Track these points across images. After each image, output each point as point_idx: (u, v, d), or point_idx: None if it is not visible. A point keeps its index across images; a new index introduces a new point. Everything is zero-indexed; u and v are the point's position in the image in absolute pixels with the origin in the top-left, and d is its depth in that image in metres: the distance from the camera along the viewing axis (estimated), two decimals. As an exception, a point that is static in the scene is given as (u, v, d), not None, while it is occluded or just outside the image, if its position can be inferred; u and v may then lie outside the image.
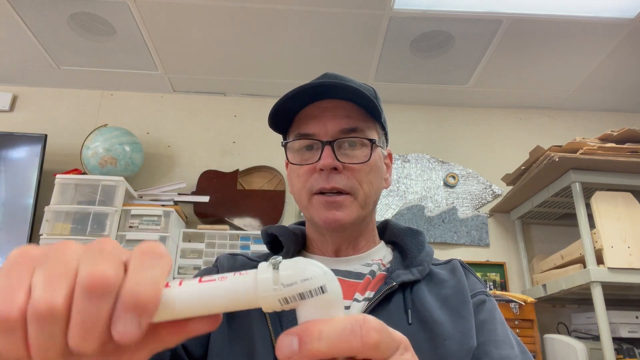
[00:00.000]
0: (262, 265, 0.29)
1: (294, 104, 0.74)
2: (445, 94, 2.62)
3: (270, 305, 0.28)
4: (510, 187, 2.28)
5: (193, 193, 2.39)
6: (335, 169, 0.70)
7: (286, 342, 0.28)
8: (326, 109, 0.73)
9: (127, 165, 2.26)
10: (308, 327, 0.28)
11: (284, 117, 0.76)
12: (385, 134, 0.81)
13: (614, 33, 2.09)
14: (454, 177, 2.54)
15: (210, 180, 2.44)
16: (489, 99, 2.67)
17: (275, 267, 0.29)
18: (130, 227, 2.11)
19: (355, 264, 0.74)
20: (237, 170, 2.47)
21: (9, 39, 2.23)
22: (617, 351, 1.75)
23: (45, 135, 2.31)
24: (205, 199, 2.35)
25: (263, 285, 0.28)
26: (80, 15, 2.05)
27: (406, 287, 0.68)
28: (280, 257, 0.30)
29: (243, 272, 0.29)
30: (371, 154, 0.72)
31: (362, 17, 2.04)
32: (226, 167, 2.49)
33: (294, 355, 0.28)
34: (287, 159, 0.76)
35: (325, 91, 0.72)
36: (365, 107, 0.74)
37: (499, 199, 2.44)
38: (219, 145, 2.58)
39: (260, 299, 0.28)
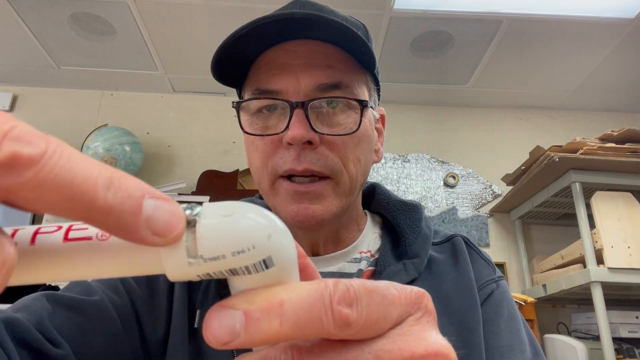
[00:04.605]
0: None
1: (251, 45, 0.52)
2: (445, 94, 2.62)
3: (180, 277, 0.19)
4: (510, 187, 2.28)
5: (193, 193, 2.39)
6: (309, 142, 0.50)
7: (224, 321, 0.18)
8: (298, 55, 0.52)
9: (127, 165, 2.26)
10: (261, 297, 0.18)
11: (236, 64, 0.54)
12: (378, 90, 0.60)
13: (614, 33, 2.09)
14: (454, 177, 2.54)
15: (210, 180, 2.44)
16: (489, 99, 2.67)
17: (191, 224, 0.19)
18: (130, 227, 2.11)
19: (339, 261, 0.58)
20: (237, 170, 2.47)
21: (9, 39, 2.22)
22: (617, 351, 1.75)
23: (45, 135, 2.31)
24: (205, 199, 2.35)
25: (171, 258, 0.19)
26: (80, 15, 2.05)
27: None
28: (200, 207, 0.19)
29: None
30: (360, 120, 0.52)
31: (362, 17, 2.02)
32: (226, 167, 2.49)
33: (236, 340, 0.18)
34: (241, 126, 0.54)
35: (296, 28, 0.50)
36: (355, 52, 0.53)
37: (499, 199, 2.44)
38: (219, 145, 2.58)
39: (168, 271, 0.19)
